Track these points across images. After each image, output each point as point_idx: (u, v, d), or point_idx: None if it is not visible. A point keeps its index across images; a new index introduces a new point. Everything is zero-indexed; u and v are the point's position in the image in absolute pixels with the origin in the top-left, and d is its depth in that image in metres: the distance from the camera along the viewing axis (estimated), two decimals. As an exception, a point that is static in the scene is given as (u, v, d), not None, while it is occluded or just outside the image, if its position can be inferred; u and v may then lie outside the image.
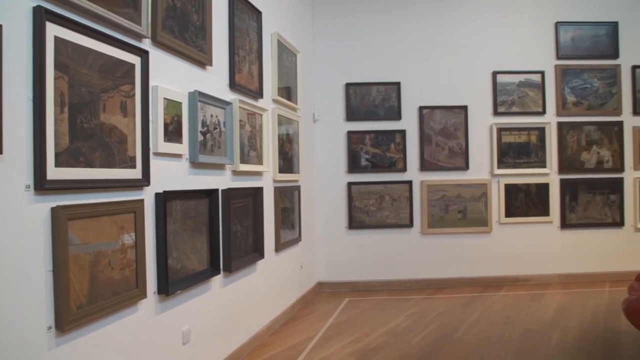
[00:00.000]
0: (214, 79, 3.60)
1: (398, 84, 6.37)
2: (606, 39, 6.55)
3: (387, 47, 6.43)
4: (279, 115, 4.83)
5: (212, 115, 3.46)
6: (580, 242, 6.47)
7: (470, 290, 6.15)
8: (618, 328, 4.53)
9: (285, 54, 5.10)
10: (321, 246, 6.37)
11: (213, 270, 3.47)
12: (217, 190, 3.52)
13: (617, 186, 6.51)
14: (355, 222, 6.33)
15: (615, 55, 6.54)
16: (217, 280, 3.58)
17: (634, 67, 6.53)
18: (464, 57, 6.45)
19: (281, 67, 4.95)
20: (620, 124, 6.52)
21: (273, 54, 4.76)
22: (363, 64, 6.40)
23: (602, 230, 6.51)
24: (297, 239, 5.44)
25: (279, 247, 4.84)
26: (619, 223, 6.51)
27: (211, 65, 3.49)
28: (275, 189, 4.80)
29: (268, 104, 4.64)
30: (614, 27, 6.54)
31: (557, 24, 6.50)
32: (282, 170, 4.93)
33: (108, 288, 2.37)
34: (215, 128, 3.51)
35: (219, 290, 3.61)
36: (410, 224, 6.34)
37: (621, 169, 6.52)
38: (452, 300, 5.72)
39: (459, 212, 6.37)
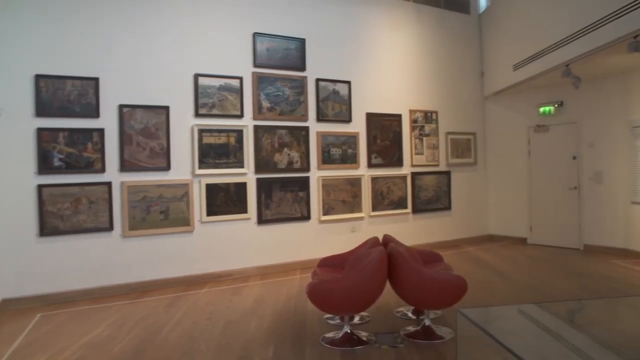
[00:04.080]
0: None
1: (96, 80, 6.04)
2: (295, 52, 7.50)
3: (86, 39, 6.02)
4: (-52, 111, 4.08)
5: None
6: (275, 236, 7.33)
7: (174, 290, 6.30)
8: (305, 309, 5.36)
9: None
10: (6, 258, 5.58)
11: None
12: None
13: (304, 184, 7.57)
14: (47, 228, 5.76)
15: (302, 67, 7.56)
16: None
17: (318, 80, 7.69)
18: (166, 57, 6.52)
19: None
20: (306, 129, 7.58)
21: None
22: (57, 55, 5.84)
23: (293, 223, 7.49)
24: (-26, 254, 4.69)
25: (-49, 266, 4.11)
26: (306, 217, 7.59)
27: None
28: (-56, 198, 4.05)
29: None
30: (302, 43, 7.55)
31: (255, 35, 7.14)
32: (-48, 175, 4.18)
33: None
34: None
35: None
36: (110, 227, 6.11)
37: (307, 168, 7.59)
38: (156, 302, 5.78)
39: (161, 212, 6.43)
